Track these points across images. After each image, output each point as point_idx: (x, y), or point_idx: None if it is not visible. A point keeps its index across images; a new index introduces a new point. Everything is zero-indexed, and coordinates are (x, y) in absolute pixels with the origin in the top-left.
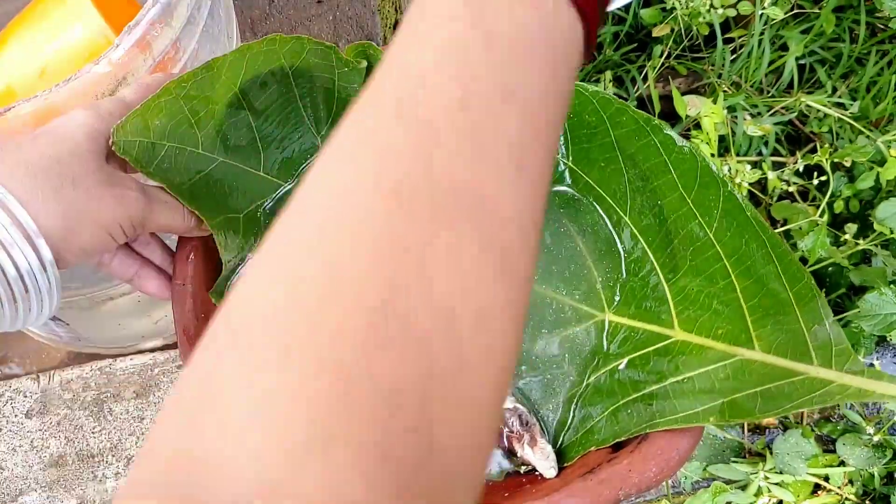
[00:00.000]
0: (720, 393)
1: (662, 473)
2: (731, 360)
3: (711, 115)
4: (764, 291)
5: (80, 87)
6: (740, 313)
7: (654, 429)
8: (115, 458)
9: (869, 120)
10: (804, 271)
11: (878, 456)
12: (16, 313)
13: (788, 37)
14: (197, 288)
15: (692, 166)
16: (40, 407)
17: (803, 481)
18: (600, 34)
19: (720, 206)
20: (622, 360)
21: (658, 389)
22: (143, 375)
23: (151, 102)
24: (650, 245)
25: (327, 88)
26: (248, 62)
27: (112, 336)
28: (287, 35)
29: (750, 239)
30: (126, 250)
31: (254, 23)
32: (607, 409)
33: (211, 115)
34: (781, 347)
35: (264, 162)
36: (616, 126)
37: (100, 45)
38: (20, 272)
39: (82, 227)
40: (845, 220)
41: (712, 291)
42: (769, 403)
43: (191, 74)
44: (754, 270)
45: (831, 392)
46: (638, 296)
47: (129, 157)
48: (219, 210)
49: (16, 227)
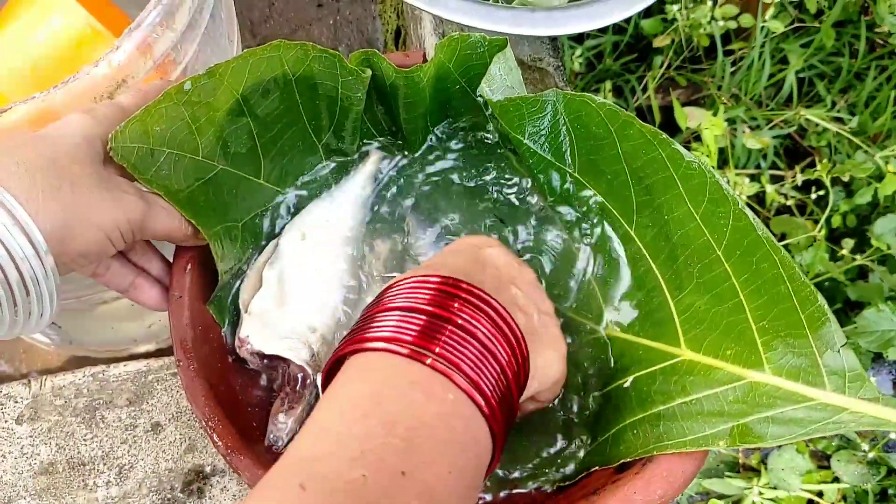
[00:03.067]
0: (730, 416)
1: (668, 495)
2: (741, 383)
3: (712, 127)
4: (774, 313)
5: (79, 89)
6: (749, 334)
7: (661, 451)
8: (106, 467)
9: (867, 135)
10: (816, 293)
11: (872, 473)
12: (15, 319)
13: (789, 50)
14: (193, 299)
15: (701, 182)
16: (31, 413)
17: (797, 497)
18: (601, 45)
19: (730, 223)
20: (627, 379)
21: (665, 410)
22: (137, 382)
23: (152, 108)
24: (655, 261)
25: (330, 97)
26: (251, 68)
27: (104, 339)
28: (290, 41)
29: (760, 258)
30: (121, 260)
31: (253, 25)
32: (612, 428)
33: (212, 122)
34: (793, 371)
35: (264, 169)
36: (623, 139)
37: (86, 35)
38: (23, 277)
39: (81, 230)
40: (842, 235)
41: (720, 311)
42: (781, 429)
43: (193, 80)
44: (764, 290)
45: (844, 420)
46: (643, 312)
47: (127, 163)
48: (217, 219)
49: (18, 229)
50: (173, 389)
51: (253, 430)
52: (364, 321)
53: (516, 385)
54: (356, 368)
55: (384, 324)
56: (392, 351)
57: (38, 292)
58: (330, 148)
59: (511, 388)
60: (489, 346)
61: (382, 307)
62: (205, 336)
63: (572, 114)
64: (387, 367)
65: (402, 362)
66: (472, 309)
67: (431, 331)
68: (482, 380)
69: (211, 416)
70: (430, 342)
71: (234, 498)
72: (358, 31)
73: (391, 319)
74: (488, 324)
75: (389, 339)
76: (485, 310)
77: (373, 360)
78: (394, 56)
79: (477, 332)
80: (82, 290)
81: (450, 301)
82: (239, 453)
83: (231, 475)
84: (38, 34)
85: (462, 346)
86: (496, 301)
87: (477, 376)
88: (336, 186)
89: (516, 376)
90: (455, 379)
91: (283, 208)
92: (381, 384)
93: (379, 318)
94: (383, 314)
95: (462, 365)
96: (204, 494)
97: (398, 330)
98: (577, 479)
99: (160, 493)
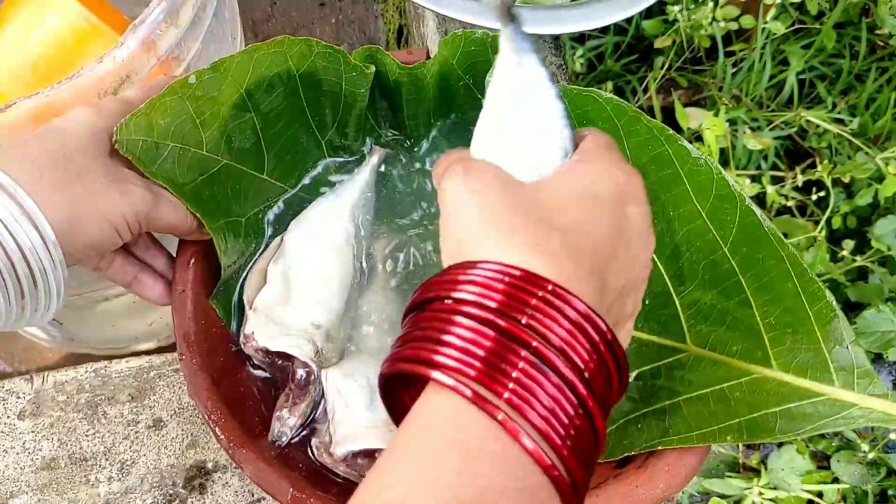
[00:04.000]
0: (737, 411)
1: (669, 490)
2: (748, 378)
3: (713, 127)
4: (782, 309)
5: (83, 85)
6: (756, 330)
7: (666, 445)
8: (108, 462)
9: (868, 136)
10: (824, 290)
11: (871, 474)
12: (22, 310)
13: (789, 51)
14: (197, 293)
15: (708, 178)
16: (33, 408)
17: (797, 497)
18: (602, 45)
19: (736, 220)
20: (632, 374)
21: (670, 405)
22: (139, 378)
23: (156, 101)
24: (660, 257)
25: (334, 93)
26: (256, 63)
27: (106, 336)
28: (294, 37)
29: (767, 255)
30: (125, 254)
31: (255, 24)
32: (616, 422)
33: (216, 116)
34: (801, 367)
35: (267, 165)
36: (630, 135)
37: (84, 31)
38: (31, 268)
39: (88, 221)
40: (843, 237)
41: (726, 307)
42: (790, 424)
43: (197, 74)
44: (771, 287)
45: (854, 415)
46: (648, 308)
47: (132, 155)
48: (220, 213)
49: (27, 220)
50: (175, 385)
51: (256, 426)
52: (421, 322)
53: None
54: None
55: (450, 337)
56: (458, 391)
57: (46, 284)
58: (333, 145)
59: (598, 440)
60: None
61: (448, 307)
62: (208, 330)
63: (578, 108)
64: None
65: (467, 411)
66: (560, 325)
67: (501, 362)
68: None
69: (213, 410)
70: (497, 383)
71: (236, 494)
72: (360, 30)
73: (460, 329)
74: (583, 349)
75: (454, 370)
76: (585, 331)
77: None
78: (397, 53)
79: (561, 370)
80: (83, 286)
81: (542, 312)
82: (241, 447)
83: (233, 471)
84: (37, 32)
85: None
86: (609, 331)
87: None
88: (340, 183)
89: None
90: (522, 441)
91: (287, 205)
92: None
93: (445, 323)
94: (451, 315)
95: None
96: (206, 490)
97: (465, 353)
98: None
99: (162, 488)
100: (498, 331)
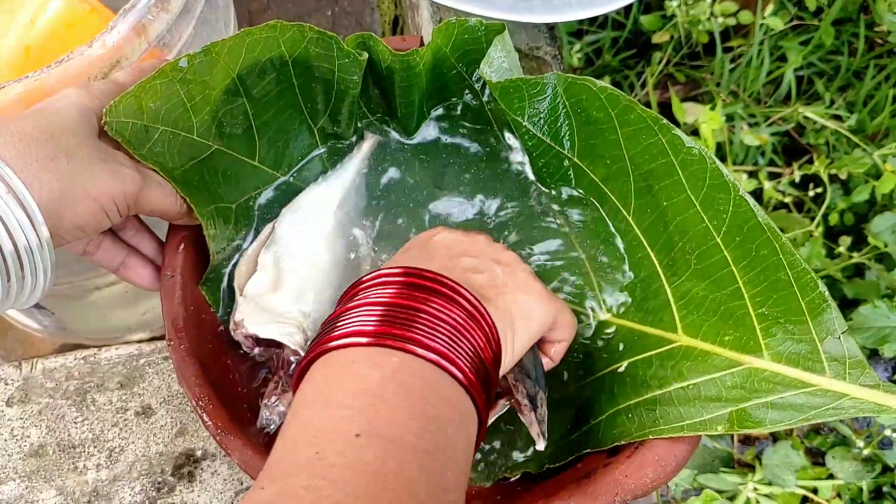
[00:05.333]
0: (728, 401)
1: (659, 480)
2: (739, 368)
3: (710, 121)
4: (774, 299)
5: (73, 69)
6: (748, 320)
7: (657, 435)
8: (96, 450)
9: (865, 133)
10: (817, 280)
11: (867, 470)
12: (8, 291)
13: (788, 48)
14: (186, 279)
15: (701, 168)
16: (21, 395)
17: (792, 493)
18: (599, 40)
19: (730, 209)
20: (622, 363)
21: (661, 394)
22: (129, 366)
23: (146, 84)
24: (653, 247)
25: (326, 80)
26: (248, 48)
27: (98, 327)
28: (288, 22)
29: (760, 245)
30: (112, 238)
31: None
32: (606, 411)
33: (207, 101)
34: (792, 357)
35: (259, 151)
36: (623, 124)
37: (79, 14)
38: (17, 247)
39: (76, 201)
40: (839, 233)
41: (718, 297)
42: (781, 414)
43: (189, 58)
44: (764, 277)
45: (845, 406)
46: (639, 298)
47: (122, 138)
48: (210, 199)
49: (13, 198)
50: (165, 373)
51: (244, 412)
52: (326, 325)
53: (490, 352)
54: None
55: (346, 321)
56: (354, 344)
57: (32, 263)
58: (326, 132)
59: (481, 354)
60: (442, 318)
61: (341, 310)
62: (197, 316)
63: (572, 97)
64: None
65: (366, 351)
66: (419, 290)
67: (389, 317)
68: (445, 347)
69: (202, 395)
70: (389, 327)
71: (225, 482)
72: (356, 22)
73: (351, 317)
74: (438, 298)
75: (351, 334)
76: (431, 287)
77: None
78: (391, 40)
79: (426, 308)
80: (74, 275)
81: (396, 287)
82: (230, 434)
83: (222, 459)
84: (31, 14)
85: (419, 323)
86: (441, 276)
87: (439, 346)
88: (332, 170)
89: (487, 342)
90: (416, 352)
91: (279, 191)
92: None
93: (341, 319)
94: (345, 314)
95: (420, 338)
96: (195, 478)
97: (361, 324)
98: (569, 463)
99: (150, 476)
100: (382, 304)
